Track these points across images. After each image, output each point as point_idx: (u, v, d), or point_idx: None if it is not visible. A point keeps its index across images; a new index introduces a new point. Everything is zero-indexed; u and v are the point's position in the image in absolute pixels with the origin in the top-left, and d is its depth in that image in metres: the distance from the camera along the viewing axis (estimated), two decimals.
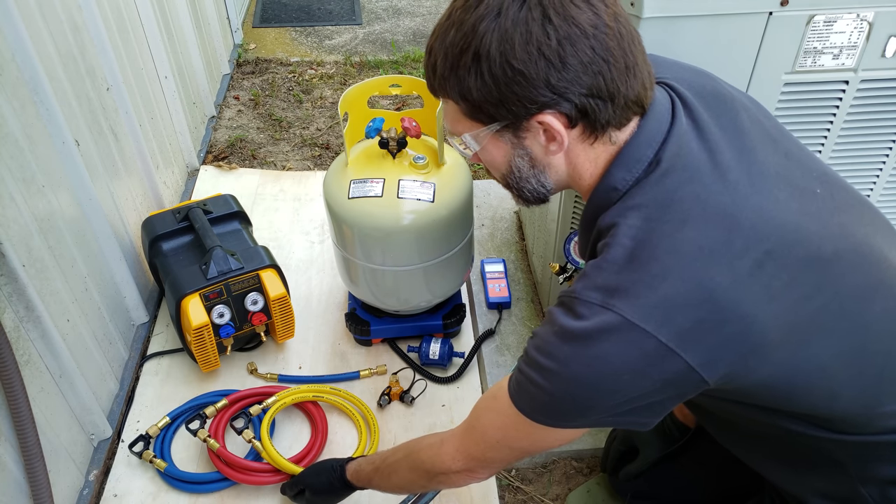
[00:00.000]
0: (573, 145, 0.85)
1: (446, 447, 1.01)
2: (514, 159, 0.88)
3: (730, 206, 0.79)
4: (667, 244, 0.77)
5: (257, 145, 2.62)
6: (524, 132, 0.84)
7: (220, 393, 1.64)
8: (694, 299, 0.75)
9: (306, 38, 3.39)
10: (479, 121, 0.85)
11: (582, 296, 0.79)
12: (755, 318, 0.76)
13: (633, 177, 0.83)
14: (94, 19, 1.64)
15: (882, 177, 1.37)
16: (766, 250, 0.78)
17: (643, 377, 0.77)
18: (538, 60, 0.77)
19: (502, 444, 0.93)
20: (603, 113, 0.81)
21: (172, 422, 1.59)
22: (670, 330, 0.75)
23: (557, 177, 0.89)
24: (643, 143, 0.83)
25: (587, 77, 0.78)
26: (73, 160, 1.47)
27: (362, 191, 1.49)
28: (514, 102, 0.80)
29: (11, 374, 1.16)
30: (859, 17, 1.17)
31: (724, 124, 0.87)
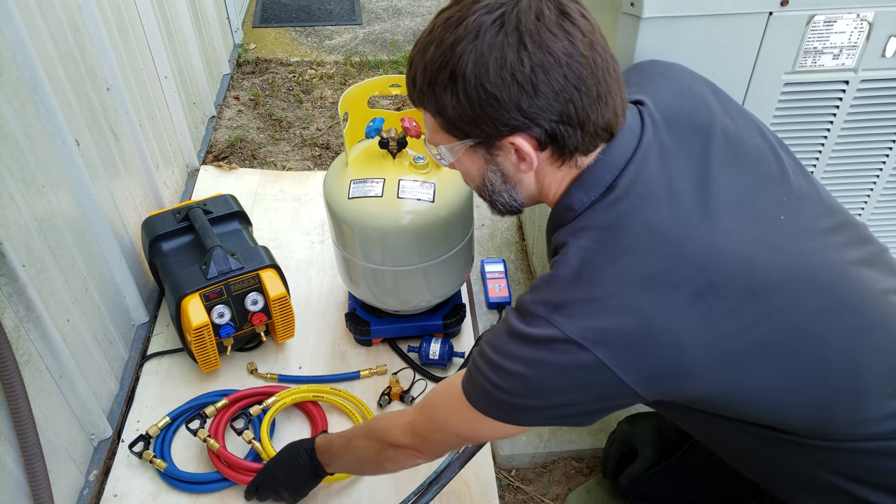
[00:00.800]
0: (542, 166, 0.88)
1: (401, 420, 1.08)
2: (487, 174, 0.91)
3: (677, 236, 0.82)
4: (610, 270, 0.81)
5: (257, 145, 2.62)
6: (497, 150, 0.87)
7: (221, 393, 1.64)
8: (629, 326, 0.79)
9: (306, 38, 3.39)
10: (455, 135, 0.88)
11: (530, 307, 0.84)
12: (689, 347, 0.79)
13: (590, 199, 0.86)
14: (94, 19, 1.64)
15: (882, 177, 1.37)
16: (706, 281, 0.80)
17: (580, 388, 0.83)
18: (511, 85, 0.79)
19: (446, 428, 1.00)
20: (572, 139, 0.83)
21: (172, 422, 1.59)
22: (606, 349, 0.79)
23: (528, 192, 0.93)
24: (604, 167, 0.86)
25: (558, 104, 0.80)
26: (73, 160, 1.47)
27: (362, 191, 1.49)
28: (486, 123, 0.83)
29: (11, 374, 1.16)
30: (859, 17, 1.17)
31: (691, 149, 0.89)
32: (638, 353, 0.79)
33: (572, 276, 0.82)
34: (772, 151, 0.95)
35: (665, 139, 0.89)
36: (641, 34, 1.15)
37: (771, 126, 1.29)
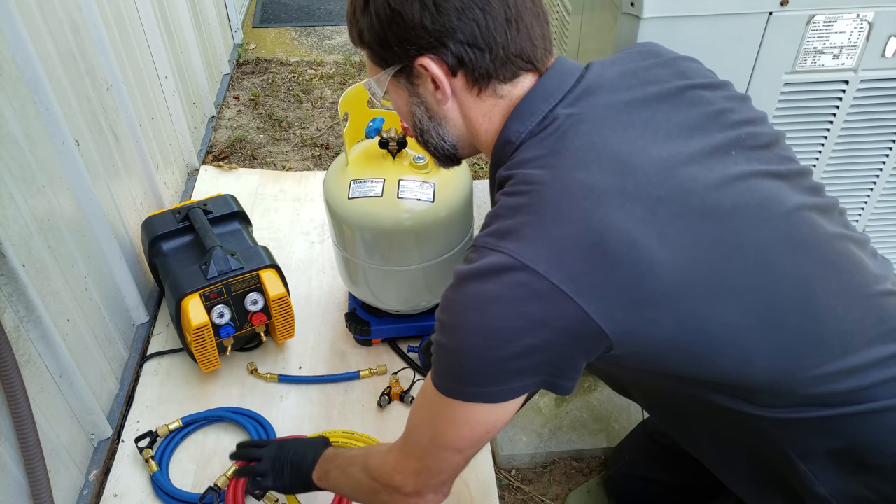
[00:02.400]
0: (461, 96, 0.87)
1: (390, 457, 0.98)
2: (413, 108, 0.91)
3: (624, 154, 0.79)
4: (559, 187, 0.77)
5: (257, 145, 2.62)
6: (415, 79, 0.87)
7: (235, 410, 1.60)
8: (584, 241, 0.74)
9: (306, 38, 3.39)
10: (380, 65, 0.89)
11: (477, 241, 0.79)
12: (648, 264, 0.74)
13: (527, 129, 0.84)
14: (94, 19, 1.64)
15: (882, 177, 1.37)
16: (659, 196, 0.76)
17: (540, 325, 0.75)
18: (414, 2, 0.80)
19: (434, 443, 0.90)
20: (480, 62, 0.83)
21: (184, 427, 1.56)
22: (562, 272, 0.73)
23: (456, 131, 0.92)
24: (539, 97, 0.85)
25: (461, 23, 0.80)
26: (73, 160, 1.47)
27: (362, 191, 1.49)
28: (395, 43, 0.84)
29: (11, 374, 1.16)
30: (859, 17, 1.17)
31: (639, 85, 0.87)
32: (596, 273, 0.74)
33: (520, 201, 0.78)
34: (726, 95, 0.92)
35: (612, 77, 0.87)
36: (641, 34, 1.15)
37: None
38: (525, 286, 0.74)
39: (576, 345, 0.78)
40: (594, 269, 0.74)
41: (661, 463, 1.33)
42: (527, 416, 1.64)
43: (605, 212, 0.75)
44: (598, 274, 0.74)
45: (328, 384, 1.69)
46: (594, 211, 0.75)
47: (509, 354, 0.77)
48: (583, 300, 0.73)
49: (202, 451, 1.55)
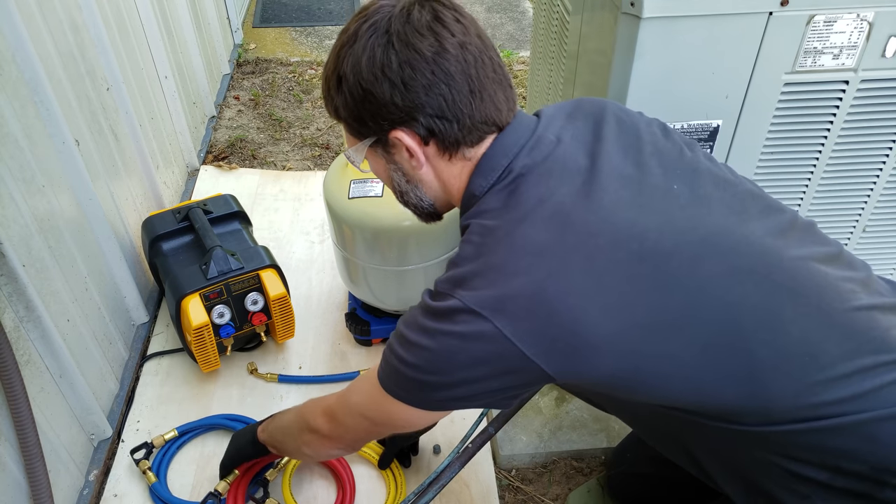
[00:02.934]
0: (434, 162, 0.93)
1: (322, 403, 1.11)
2: (392, 174, 0.97)
3: (568, 207, 0.84)
4: (506, 241, 0.84)
5: (257, 145, 2.62)
6: (391, 148, 0.93)
7: (231, 417, 1.60)
8: (525, 292, 0.80)
9: (306, 38, 3.39)
10: (357, 137, 0.95)
11: (438, 287, 0.88)
12: (584, 312, 0.80)
13: (489, 183, 0.90)
14: (94, 19, 1.64)
15: (882, 177, 1.37)
16: (597, 246, 0.82)
17: (483, 362, 0.83)
18: (383, 82, 0.85)
19: (358, 410, 1.02)
20: (449, 132, 0.88)
21: (179, 437, 1.55)
22: (504, 319, 0.80)
23: (433, 192, 0.98)
24: (498, 153, 0.90)
25: (429, 98, 0.86)
26: (73, 160, 1.47)
27: (362, 191, 1.49)
28: (370, 119, 0.89)
29: (11, 374, 1.16)
30: (859, 17, 1.17)
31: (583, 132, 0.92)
32: (536, 321, 0.80)
33: (473, 251, 0.86)
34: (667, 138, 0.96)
35: (559, 127, 0.93)
36: (641, 34, 1.15)
37: (771, 126, 1.29)
38: (470, 325, 0.81)
39: (516, 380, 0.85)
40: (534, 317, 0.80)
41: (662, 462, 1.32)
42: (527, 416, 1.64)
43: (546, 265, 0.81)
44: (537, 321, 0.80)
45: (328, 384, 1.69)
46: (535, 265, 0.81)
47: (448, 382, 0.86)
48: (523, 344, 0.80)
49: (200, 458, 1.54)
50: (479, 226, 0.88)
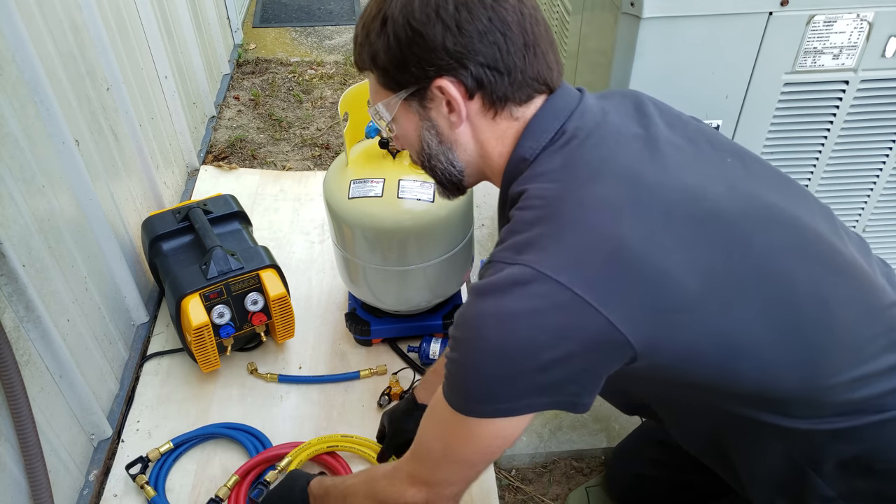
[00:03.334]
0: (476, 120, 0.87)
1: (399, 475, 0.96)
2: (423, 132, 0.90)
3: (634, 165, 0.80)
4: (575, 199, 0.78)
5: (257, 145, 2.62)
6: (428, 102, 0.86)
7: (227, 425, 1.58)
8: (604, 250, 0.74)
9: (306, 38, 3.39)
10: (390, 88, 0.88)
11: (495, 257, 0.79)
12: (668, 270, 0.75)
13: (540, 145, 0.85)
14: (94, 19, 1.64)
15: (882, 177, 1.37)
16: (672, 201, 0.78)
17: (562, 337, 0.74)
18: (436, 23, 0.80)
19: (447, 457, 0.89)
20: (499, 85, 0.83)
21: (175, 448, 1.53)
22: (584, 282, 0.73)
23: (466, 156, 0.91)
24: (549, 115, 0.86)
25: (483, 46, 0.81)
26: (73, 160, 1.47)
27: (362, 191, 1.49)
28: (414, 64, 0.83)
29: (11, 374, 1.16)
30: (859, 17, 1.17)
31: (627, 109, 0.90)
32: (618, 281, 0.74)
33: (536, 215, 0.79)
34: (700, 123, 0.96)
35: (598, 100, 0.91)
36: (641, 34, 1.15)
37: (771, 126, 1.29)
38: (546, 298, 0.73)
39: (598, 357, 0.77)
40: (616, 277, 0.74)
41: (662, 463, 1.33)
42: None
43: (622, 221, 0.76)
44: (620, 282, 0.74)
45: (328, 384, 1.69)
46: (611, 221, 0.75)
47: (529, 370, 0.76)
48: (606, 309, 0.73)
49: (198, 466, 1.53)
50: (540, 188, 0.81)
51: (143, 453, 1.52)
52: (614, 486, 1.45)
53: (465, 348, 0.79)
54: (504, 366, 0.76)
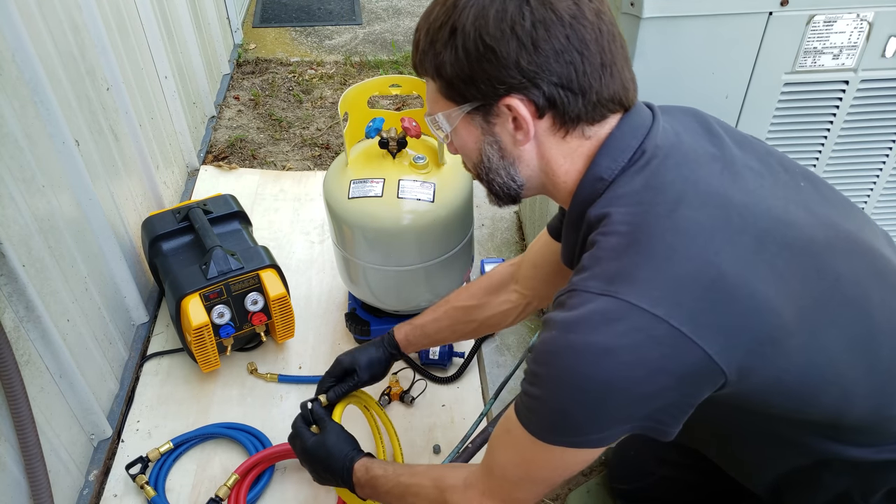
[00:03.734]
0: (543, 138, 0.83)
1: (471, 492, 0.95)
2: (485, 146, 0.86)
3: (719, 187, 0.78)
4: (666, 224, 0.74)
5: (257, 145, 2.62)
6: (494, 117, 0.83)
7: (227, 425, 1.58)
8: (703, 278, 0.71)
9: (306, 38, 3.39)
10: (453, 100, 0.85)
11: (580, 286, 0.75)
12: (766, 297, 0.73)
13: (619, 166, 0.81)
14: (94, 19, 1.64)
15: (882, 177, 1.37)
16: (763, 228, 0.76)
17: (658, 371, 0.71)
18: (510, 40, 0.76)
19: (525, 480, 0.88)
20: (573, 106, 0.79)
21: (175, 448, 1.53)
22: (682, 313, 0.70)
23: (528, 171, 0.87)
24: (627, 134, 0.82)
25: (558, 65, 0.77)
26: (73, 160, 1.47)
27: (362, 191, 1.49)
28: (483, 81, 0.79)
29: (11, 374, 1.16)
30: (859, 17, 1.17)
31: (695, 127, 0.87)
32: (717, 312, 0.71)
33: (625, 241, 0.75)
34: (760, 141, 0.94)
35: (671, 121, 0.87)
36: (641, 34, 1.15)
37: (771, 126, 1.29)
38: (643, 332, 0.70)
39: (692, 389, 0.75)
40: (714, 307, 0.71)
41: (668, 461, 1.32)
42: None
43: (720, 247, 0.73)
44: (718, 312, 0.71)
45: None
46: (708, 247, 0.73)
47: (623, 404, 0.74)
48: (704, 341, 0.70)
49: (198, 466, 1.53)
50: (624, 213, 0.77)
51: (143, 453, 1.52)
52: (617, 482, 1.45)
53: (553, 385, 0.76)
54: (597, 402, 0.74)
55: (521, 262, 1.25)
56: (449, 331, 1.32)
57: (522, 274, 1.24)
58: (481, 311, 1.29)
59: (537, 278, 1.20)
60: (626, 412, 0.75)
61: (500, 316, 1.28)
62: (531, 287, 1.23)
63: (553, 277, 1.17)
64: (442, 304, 1.34)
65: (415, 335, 1.33)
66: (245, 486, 1.43)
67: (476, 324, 1.30)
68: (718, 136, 0.86)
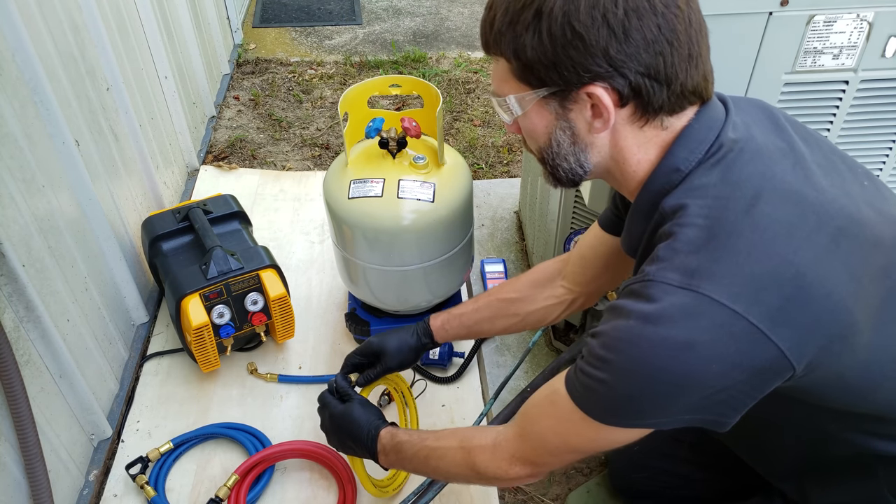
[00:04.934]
0: (620, 126, 0.82)
1: (500, 453, 0.97)
2: (556, 132, 0.84)
3: (794, 184, 0.78)
4: (745, 220, 0.74)
5: (257, 145, 2.62)
6: (571, 103, 0.81)
7: (229, 425, 1.59)
8: (782, 276, 0.72)
9: (306, 38, 3.39)
10: (528, 83, 0.82)
11: (658, 277, 0.74)
12: (840, 297, 0.74)
13: (696, 158, 0.80)
14: (94, 19, 1.64)
15: (882, 177, 1.37)
16: (837, 227, 0.76)
17: (733, 366, 0.72)
18: (601, 27, 0.74)
19: (563, 449, 0.90)
20: (657, 96, 0.78)
21: (175, 448, 1.53)
22: (761, 310, 0.71)
23: (599, 158, 0.85)
24: (704, 126, 0.81)
25: (647, 55, 0.75)
26: (73, 160, 1.47)
27: (362, 191, 1.49)
28: (567, 67, 0.77)
29: (11, 374, 1.16)
30: (859, 17, 1.17)
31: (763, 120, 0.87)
32: (794, 309, 0.72)
33: (704, 235, 0.74)
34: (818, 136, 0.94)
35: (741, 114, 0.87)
36: None
37: None
38: (722, 328, 0.71)
39: (761, 383, 0.76)
40: (791, 304, 0.72)
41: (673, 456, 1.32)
42: None
43: (798, 245, 0.74)
44: (795, 310, 0.72)
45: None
46: (787, 245, 0.73)
47: (692, 396, 0.75)
48: (779, 338, 0.72)
49: (198, 466, 1.53)
50: (701, 205, 0.77)
51: (143, 453, 1.52)
52: (618, 479, 1.45)
53: (624, 373, 0.76)
54: (668, 394, 0.75)
55: (568, 257, 1.24)
56: (489, 323, 1.29)
57: (570, 269, 1.22)
58: (525, 304, 1.26)
59: (586, 273, 1.19)
60: (695, 404, 0.76)
61: (544, 311, 1.25)
62: (579, 282, 1.21)
63: (603, 272, 1.15)
64: (483, 295, 1.30)
65: (452, 325, 1.30)
66: (245, 487, 1.43)
67: (519, 318, 1.26)
68: (786, 130, 0.86)
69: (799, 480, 1.02)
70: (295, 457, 1.52)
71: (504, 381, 1.45)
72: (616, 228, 1.06)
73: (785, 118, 0.89)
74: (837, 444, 0.91)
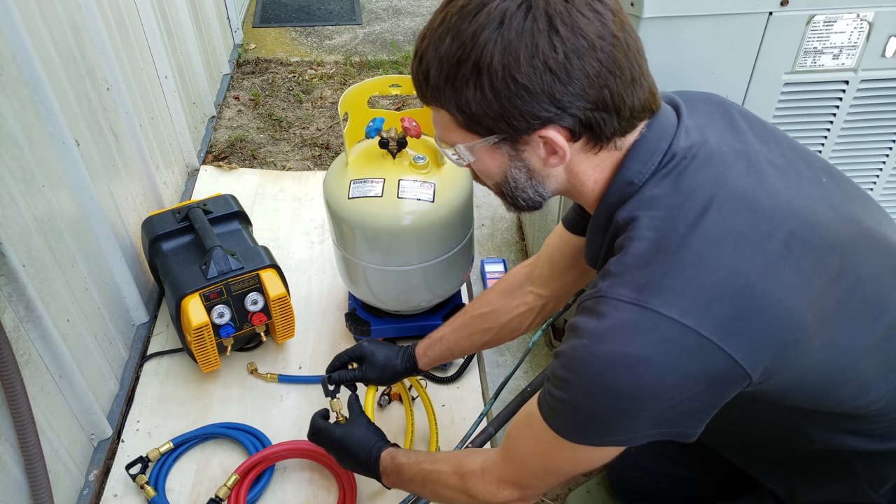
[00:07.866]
0: (575, 155, 0.82)
1: (489, 476, 0.98)
2: (511, 171, 0.84)
3: (746, 189, 0.77)
4: (694, 232, 0.74)
5: (257, 145, 2.62)
6: (523, 145, 0.81)
7: (227, 425, 1.59)
8: (731, 287, 0.72)
9: (306, 38, 3.39)
10: (476, 132, 0.81)
11: (609, 293, 0.75)
12: (792, 303, 0.74)
13: (649, 169, 0.80)
14: (94, 19, 1.64)
15: (882, 177, 1.37)
16: (789, 231, 0.76)
17: (688, 378, 0.73)
18: (543, 74, 0.73)
19: (544, 471, 0.91)
20: (608, 125, 0.78)
21: (175, 448, 1.53)
22: (711, 322, 0.71)
23: (556, 185, 0.86)
24: (656, 136, 0.81)
25: (592, 91, 0.75)
26: (73, 160, 1.47)
27: (362, 191, 1.49)
28: (515, 117, 0.77)
29: (11, 374, 1.16)
30: (859, 17, 1.17)
31: (719, 122, 0.87)
32: (745, 319, 0.72)
33: (652, 248, 0.75)
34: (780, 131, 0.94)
35: (698, 111, 0.87)
36: (641, 34, 1.15)
37: None
38: (673, 342, 0.72)
39: (720, 393, 0.77)
40: (742, 315, 0.72)
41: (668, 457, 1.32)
42: None
43: (747, 254, 0.74)
44: (746, 320, 0.73)
45: None
46: (736, 255, 0.73)
47: (651, 410, 0.75)
48: (731, 348, 0.72)
49: (198, 466, 1.53)
50: (652, 218, 0.77)
51: (143, 453, 1.52)
52: (616, 479, 1.45)
53: (583, 392, 0.77)
54: (627, 409, 0.75)
55: (535, 262, 1.24)
56: (468, 340, 1.30)
57: (538, 273, 1.22)
58: (498, 316, 1.26)
59: (553, 275, 1.19)
60: (656, 417, 0.76)
61: (517, 320, 1.25)
62: (547, 285, 1.21)
63: (570, 272, 1.16)
64: (460, 314, 1.32)
65: (434, 349, 1.32)
66: (245, 486, 1.43)
67: (493, 331, 1.27)
68: (741, 129, 0.85)
69: (785, 479, 1.02)
70: (295, 457, 1.52)
71: (504, 381, 1.45)
72: (580, 228, 1.06)
73: (741, 114, 0.89)
74: (813, 442, 0.91)
